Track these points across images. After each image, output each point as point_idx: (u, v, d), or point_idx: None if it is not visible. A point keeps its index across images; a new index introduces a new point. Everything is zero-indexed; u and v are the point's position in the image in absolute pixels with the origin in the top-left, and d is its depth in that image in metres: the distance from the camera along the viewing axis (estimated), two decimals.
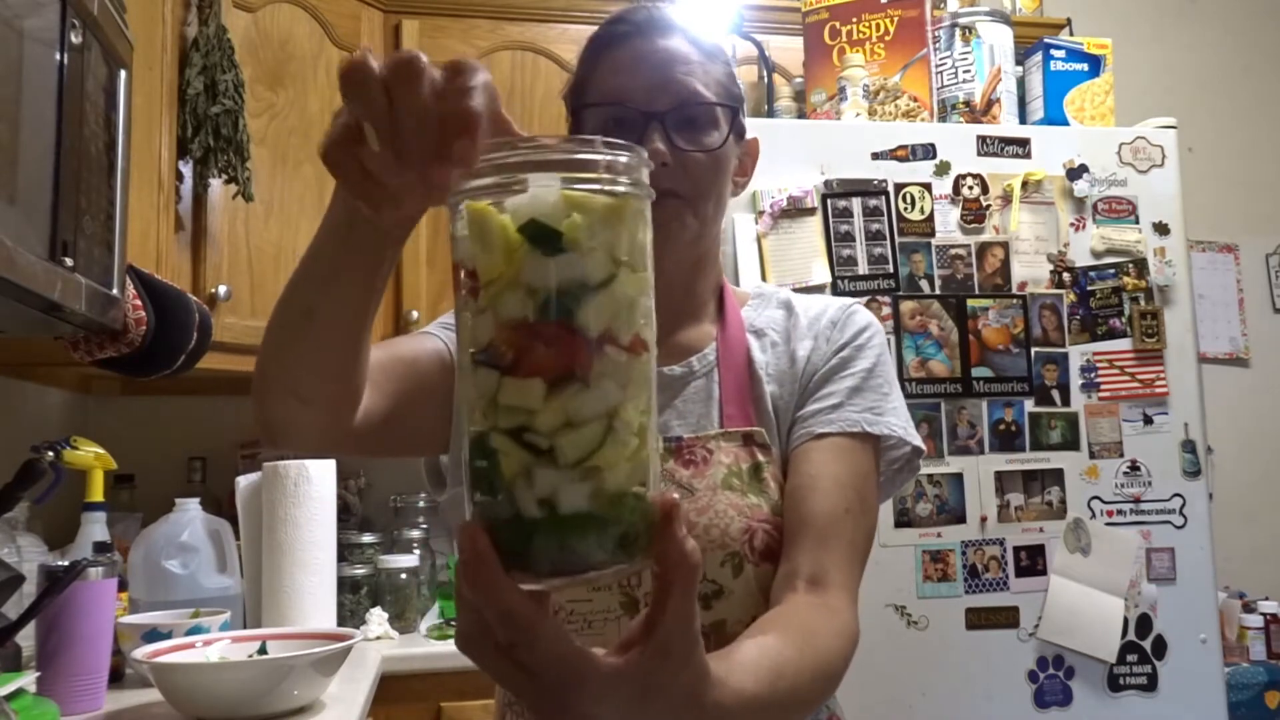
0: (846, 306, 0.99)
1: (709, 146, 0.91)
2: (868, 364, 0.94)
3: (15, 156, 0.97)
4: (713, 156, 0.92)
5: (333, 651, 1.35)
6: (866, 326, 0.97)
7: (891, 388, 0.94)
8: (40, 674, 1.30)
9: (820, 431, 0.90)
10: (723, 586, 0.86)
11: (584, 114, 0.93)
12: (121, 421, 2.43)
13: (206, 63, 1.87)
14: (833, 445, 0.89)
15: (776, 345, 0.97)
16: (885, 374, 0.95)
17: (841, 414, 0.90)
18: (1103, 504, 2.04)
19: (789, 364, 0.96)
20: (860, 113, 2.19)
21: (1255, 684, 2.65)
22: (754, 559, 0.86)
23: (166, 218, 1.81)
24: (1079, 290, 2.10)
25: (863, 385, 0.92)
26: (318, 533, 1.93)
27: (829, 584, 0.81)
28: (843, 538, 0.84)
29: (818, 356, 0.95)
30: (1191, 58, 3.37)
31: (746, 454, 0.91)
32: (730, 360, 0.96)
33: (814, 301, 1.01)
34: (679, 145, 0.90)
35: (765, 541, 0.86)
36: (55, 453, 1.53)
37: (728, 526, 0.86)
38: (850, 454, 0.89)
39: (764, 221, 1.98)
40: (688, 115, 0.90)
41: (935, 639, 1.94)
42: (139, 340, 1.33)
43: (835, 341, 0.95)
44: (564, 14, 2.45)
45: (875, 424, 0.90)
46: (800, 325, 0.98)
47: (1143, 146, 2.16)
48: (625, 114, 0.90)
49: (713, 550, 0.86)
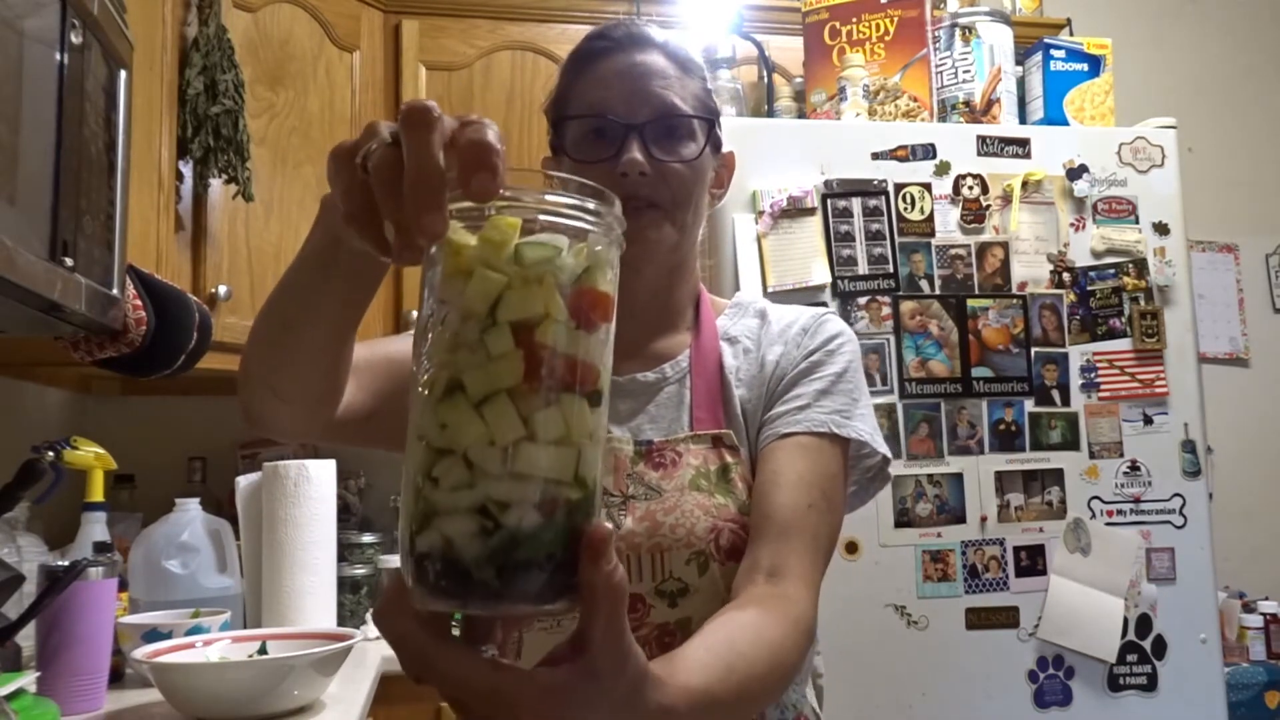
0: (819, 315, 1.01)
1: (686, 157, 0.94)
2: (837, 369, 0.95)
3: (15, 156, 0.97)
4: (690, 167, 0.94)
5: (333, 651, 1.35)
6: (838, 334, 0.98)
7: (861, 395, 0.95)
8: (40, 674, 1.30)
9: (786, 431, 0.91)
10: (688, 584, 0.88)
11: (565, 126, 0.96)
12: (121, 421, 2.43)
13: (206, 63, 1.87)
14: (798, 444, 0.90)
15: (749, 352, 0.99)
16: (855, 380, 0.96)
17: (808, 415, 0.92)
18: (1103, 504, 2.04)
19: (759, 369, 0.97)
20: (860, 113, 2.19)
21: (1255, 684, 2.65)
22: (720, 558, 0.88)
23: (166, 218, 1.81)
24: (1079, 290, 2.10)
25: (831, 389, 0.94)
26: (318, 533, 1.92)
27: (787, 575, 0.82)
28: (805, 532, 0.85)
29: (787, 361, 0.96)
30: (1191, 58, 3.37)
31: (715, 456, 0.93)
32: (703, 367, 0.98)
33: (788, 310, 1.03)
34: (657, 156, 0.92)
35: (731, 540, 0.88)
36: (55, 453, 1.54)
37: (694, 526, 0.88)
38: (816, 453, 0.90)
39: (764, 221, 1.98)
40: (666, 127, 0.93)
41: (935, 639, 1.94)
42: (139, 340, 1.33)
43: (805, 347, 0.97)
44: (564, 14, 2.45)
45: (843, 427, 0.92)
46: (772, 331, 1.00)
47: (1143, 146, 2.16)
48: (605, 125, 0.93)
49: (679, 549, 0.88)
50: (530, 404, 0.46)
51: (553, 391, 0.47)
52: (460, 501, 0.46)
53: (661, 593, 0.89)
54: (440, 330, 0.48)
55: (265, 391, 0.82)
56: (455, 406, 0.46)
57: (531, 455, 0.46)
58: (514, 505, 0.46)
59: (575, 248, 0.48)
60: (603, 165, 0.92)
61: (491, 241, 0.47)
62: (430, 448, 0.47)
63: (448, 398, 0.47)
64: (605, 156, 0.92)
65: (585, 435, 0.48)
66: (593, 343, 0.49)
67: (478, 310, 0.47)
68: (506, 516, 0.45)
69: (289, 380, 0.80)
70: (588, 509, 0.48)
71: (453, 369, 0.47)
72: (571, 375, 0.47)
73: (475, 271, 0.47)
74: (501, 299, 0.47)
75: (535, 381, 0.46)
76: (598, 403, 0.49)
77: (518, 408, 0.46)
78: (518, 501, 0.46)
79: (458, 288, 0.47)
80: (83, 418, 2.36)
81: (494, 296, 0.47)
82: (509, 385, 0.46)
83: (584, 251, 0.49)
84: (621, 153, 0.91)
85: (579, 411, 0.48)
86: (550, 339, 0.47)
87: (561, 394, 0.47)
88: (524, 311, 0.46)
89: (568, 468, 0.47)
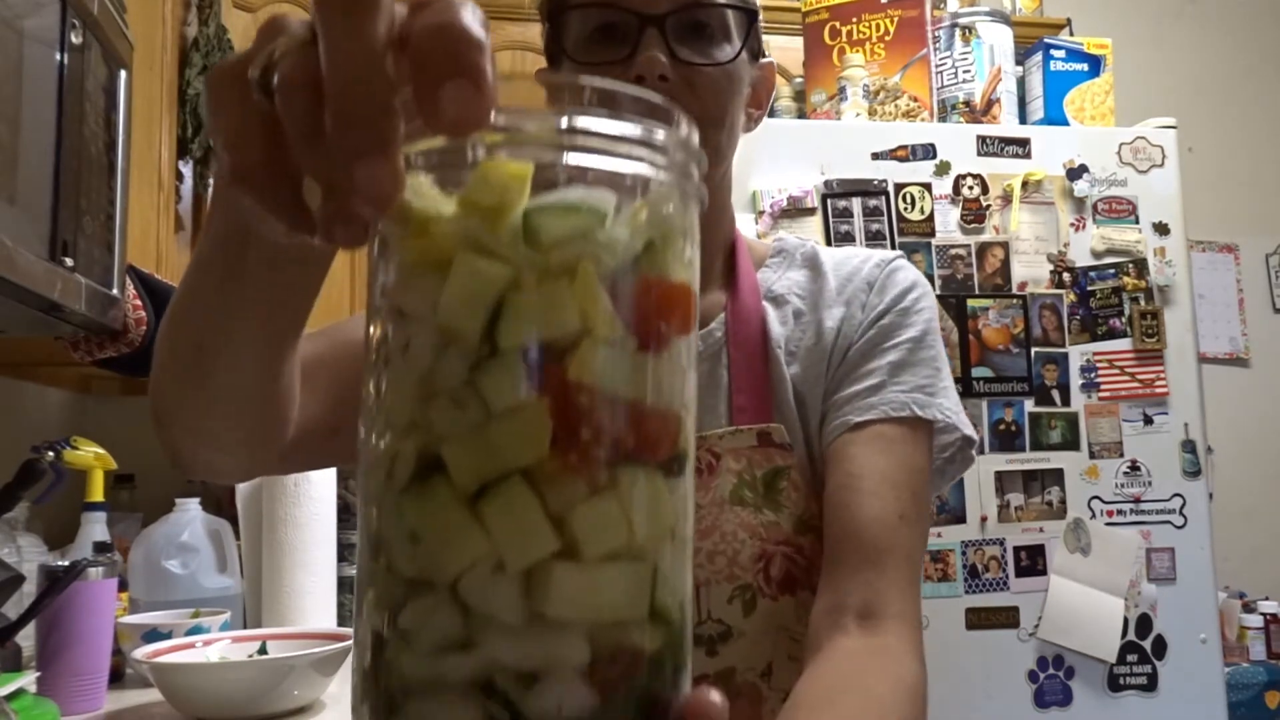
0: (886, 261, 0.82)
1: (720, 59, 0.74)
2: (915, 333, 0.77)
3: (15, 156, 0.97)
4: (724, 71, 0.74)
5: (333, 651, 1.35)
6: (912, 286, 0.80)
7: (943, 363, 0.78)
8: (40, 674, 1.30)
9: (860, 420, 0.74)
10: (731, 627, 0.72)
11: (565, 19, 0.76)
12: (121, 421, 2.43)
13: (206, 63, 1.87)
14: (877, 435, 0.73)
15: (801, 315, 0.80)
16: (935, 346, 0.78)
17: (885, 396, 0.74)
18: (1103, 504, 2.04)
19: (815, 338, 0.79)
20: (860, 113, 2.19)
21: (1255, 684, 2.65)
22: (770, 591, 0.72)
23: (166, 218, 1.81)
24: (1079, 290, 2.10)
25: (909, 359, 0.76)
26: (318, 533, 1.92)
27: (885, 616, 0.67)
28: (898, 553, 0.69)
29: (850, 327, 0.78)
30: (1191, 58, 3.37)
31: (762, 457, 0.75)
32: (742, 337, 0.78)
33: (847, 257, 0.83)
34: (682, 57, 0.73)
35: (785, 569, 0.72)
36: (55, 453, 1.54)
37: (737, 553, 0.72)
38: (899, 445, 0.73)
39: (764, 221, 1.98)
40: (693, 20, 0.73)
41: (935, 639, 1.93)
42: (139, 340, 1.33)
43: (873, 307, 0.79)
44: None
45: (927, 406, 0.75)
46: (829, 289, 0.80)
47: (1143, 146, 2.16)
48: (616, 18, 0.73)
49: (719, 583, 0.72)
50: (566, 493, 0.28)
51: (605, 466, 0.28)
52: (449, 672, 0.27)
53: (698, 638, 0.71)
54: (401, 365, 0.29)
55: (186, 436, 0.61)
56: (432, 501, 0.28)
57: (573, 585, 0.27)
58: (544, 678, 0.27)
59: (630, 210, 0.29)
60: (614, 69, 0.71)
61: (481, 207, 0.28)
62: (394, 574, 0.28)
63: (418, 486, 0.28)
64: (617, 58, 0.72)
65: (665, 534, 0.30)
66: (666, 371, 0.30)
67: (463, 329, 0.28)
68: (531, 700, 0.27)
69: (214, 420, 0.59)
70: (676, 662, 0.30)
71: (425, 435, 0.28)
72: (636, 433, 0.29)
73: (456, 260, 0.28)
74: (505, 307, 0.28)
75: (573, 452, 0.28)
76: (679, 471, 0.31)
77: (544, 501, 0.27)
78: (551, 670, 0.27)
79: (426, 290, 0.28)
80: (83, 418, 2.36)
81: (491, 304, 0.28)
82: (526, 463, 0.27)
83: (644, 215, 0.30)
84: (637, 51, 0.71)
85: (652, 494, 0.29)
86: (596, 373, 0.28)
87: (620, 469, 0.28)
88: (547, 328, 0.28)
89: (638, 599, 0.28)
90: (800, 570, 0.73)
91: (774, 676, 0.73)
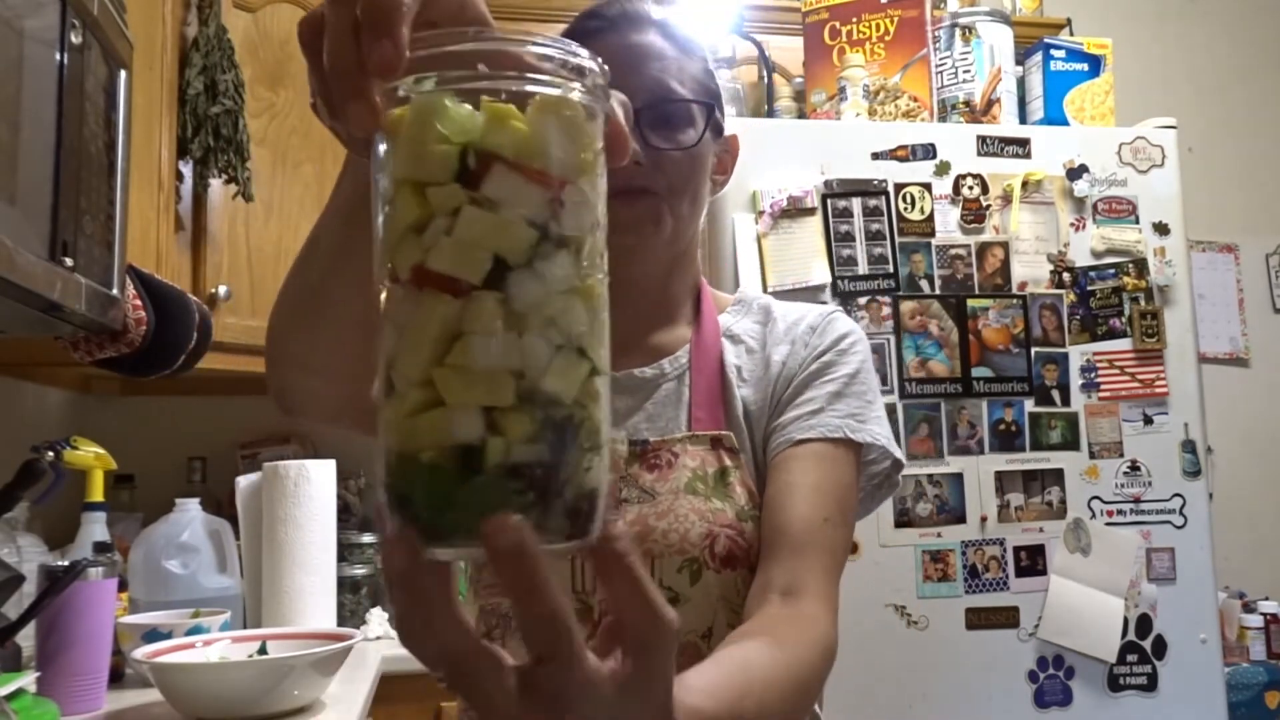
0: (827, 313, 0.97)
1: (684, 144, 0.90)
2: (850, 369, 0.91)
3: (15, 156, 0.97)
4: (689, 154, 0.90)
5: (333, 651, 1.35)
6: (848, 333, 0.95)
7: (875, 397, 0.92)
8: (40, 674, 1.30)
9: (800, 438, 0.87)
10: (680, 594, 0.84)
11: None
12: (121, 421, 2.43)
13: (206, 63, 1.87)
14: (812, 452, 0.86)
15: (753, 351, 0.95)
16: (869, 382, 0.92)
17: (822, 419, 0.88)
18: (1103, 504, 2.04)
19: (764, 369, 0.93)
20: (860, 113, 2.19)
21: (1255, 684, 2.65)
22: (714, 565, 0.84)
23: (166, 218, 1.81)
24: (1079, 290, 2.10)
25: (845, 391, 0.90)
26: (318, 533, 1.93)
27: (804, 593, 0.78)
28: (821, 546, 0.81)
29: (794, 361, 0.93)
30: (1191, 58, 3.37)
31: (714, 458, 0.88)
32: (703, 363, 0.93)
33: (793, 308, 0.99)
34: (653, 143, 0.88)
35: (727, 547, 0.84)
36: (55, 453, 1.54)
37: (688, 531, 0.84)
38: (830, 462, 0.86)
39: (764, 221, 1.98)
40: (662, 113, 0.89)
41: (935, 639, 1.94)
42: (139, 340, 1.33)
43: (815, 347, 0.93)
44: (564, 14, 2.44)
45: (858, 431, 0.88)
46: (777, 330, 0.95)
47: (1143, 146, 2.16)
48: None
49: (670, 555, 0.84)
50: None
51: None
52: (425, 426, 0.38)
53: None
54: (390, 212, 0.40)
55: (295, 368, 0.73)
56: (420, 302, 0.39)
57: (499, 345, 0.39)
58: None
59: None
60: None
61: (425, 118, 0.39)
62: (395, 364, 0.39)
63: None
64: None
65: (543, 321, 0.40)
66: None
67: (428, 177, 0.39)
68: None
69: (321, 351, 0.70)
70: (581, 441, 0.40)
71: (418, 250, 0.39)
72: None
73: None
74: None
75: None
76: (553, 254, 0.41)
77: None
78: None
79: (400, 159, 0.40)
80: (83, 418, 2.36)
81: None
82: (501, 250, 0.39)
83: None
84: None
85: None
86: None
87: None
88: None
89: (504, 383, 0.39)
90: (741, 550, 0.85)
91: (713, 639, 0.85)
